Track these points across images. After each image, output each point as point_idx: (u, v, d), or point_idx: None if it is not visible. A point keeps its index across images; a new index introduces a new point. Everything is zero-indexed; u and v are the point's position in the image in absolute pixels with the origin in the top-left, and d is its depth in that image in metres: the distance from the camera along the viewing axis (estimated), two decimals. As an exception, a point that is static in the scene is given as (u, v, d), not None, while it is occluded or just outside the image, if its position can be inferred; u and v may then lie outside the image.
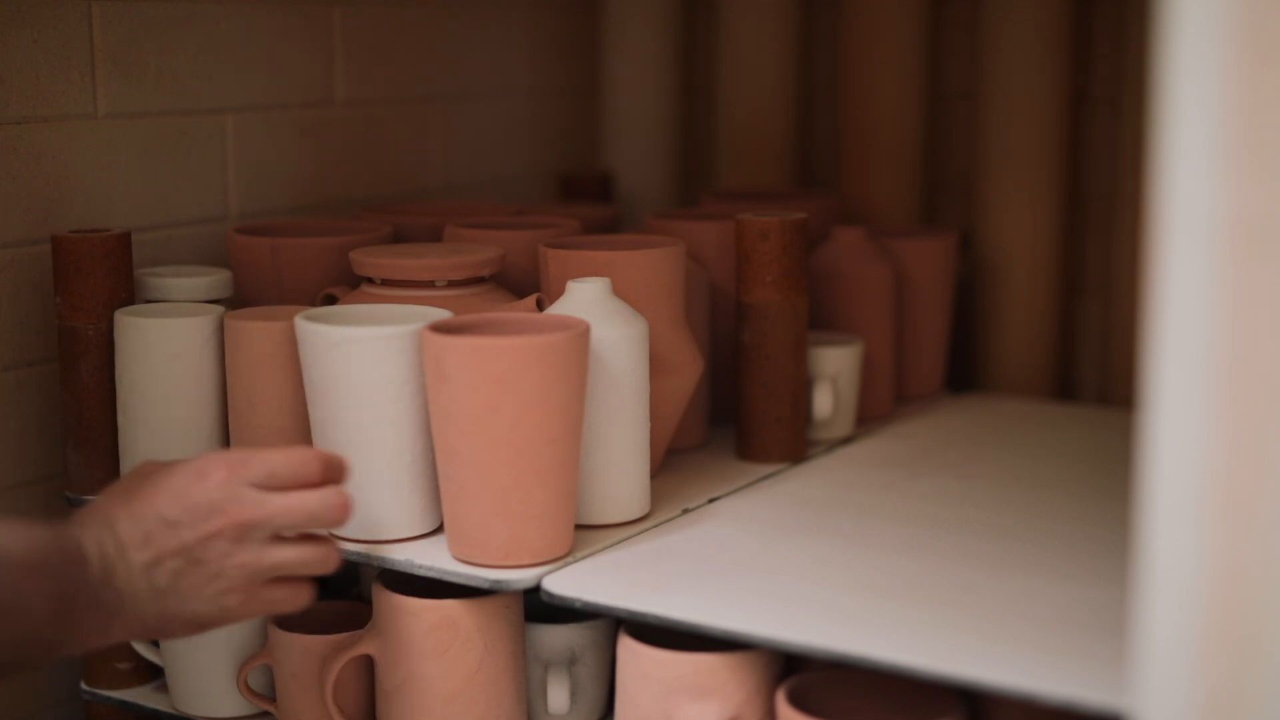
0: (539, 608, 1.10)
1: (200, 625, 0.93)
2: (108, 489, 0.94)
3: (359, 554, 1.07)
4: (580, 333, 1.02)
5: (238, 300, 1.29)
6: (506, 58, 1.71)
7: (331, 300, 1.23)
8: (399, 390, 1.05)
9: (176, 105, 1.36)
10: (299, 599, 0.95)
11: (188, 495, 0.91)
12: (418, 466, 1.07)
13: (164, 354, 1.15)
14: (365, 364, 1.04)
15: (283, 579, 0.94)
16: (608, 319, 1.10)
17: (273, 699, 1.16)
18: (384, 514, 1.07)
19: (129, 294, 1.21)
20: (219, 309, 1.18)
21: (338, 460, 0.96)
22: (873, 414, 1.41)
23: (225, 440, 1.18)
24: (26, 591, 0.83)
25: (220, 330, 1.16)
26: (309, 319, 1.07)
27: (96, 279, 1.19)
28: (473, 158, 1.68)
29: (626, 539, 1.10)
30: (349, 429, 1.05)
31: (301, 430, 1.11)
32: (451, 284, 1.18)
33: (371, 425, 1.05)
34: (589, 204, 1.64)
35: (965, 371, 1.61)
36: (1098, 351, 1.60)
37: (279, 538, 0.93)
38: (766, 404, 1.26)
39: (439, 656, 1.05)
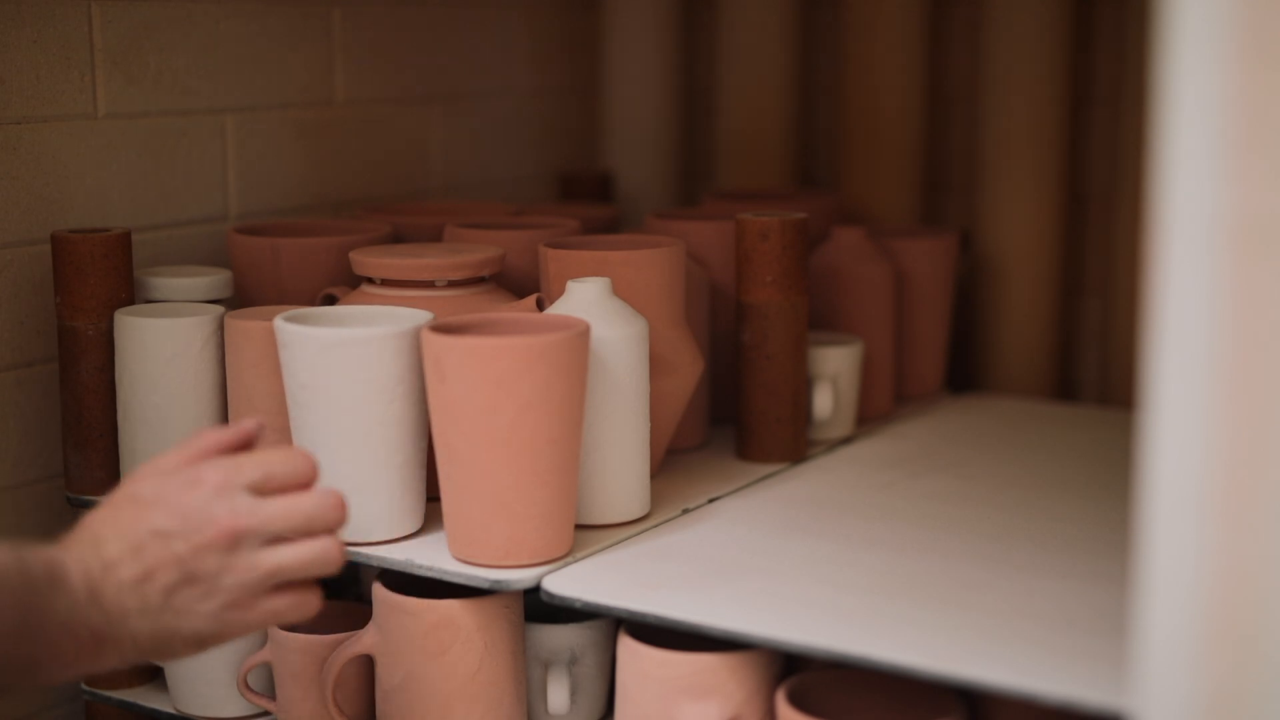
0: (539, 608, 1.10)
1: (201, 644, 0.87)
2: (102, 503, 0.88)
3: (359, 554, 1.07)
4: (580, 333, 1.02)
5: (238, 300, 1.29)
6: (506, 58, 1.71)
7: (331, 300, 1.23)
8: (393, 391, 1.05)
9: (176, 105, 1.36)
10: (305, 606, 0.88)
11: (179, 505, 0.85)
12: (409, 468, 1.07)
13: (164, 354, 1.15)
14: (361, 366, 1.04)
15: (286, 586, 0.87)
16: (608, 319, 1.10)
17: (273, 699, 1.16)
18: (376, 516, 1.07)
19: (129, 294, 1.21)
20: (219, 309, 1.18)
21: (315, 461, 0.90)
22: (873, 414, 1.41)
23: (225, 440, 1.18)
24: None
25: (220, 330, 1.16)
26: (292, 321, 1.07)
27: (96, 279, 1.19)
28: (473, 158, 1.68)
29: (626, 539, 1.10)
30: (341, 432, 1.05)
31: (301, 430, 1.11)
32: (451, 284, 1.18)
33: (365, 427, 1.05)
34: (589, 204, 1.64)
35: (965, 371, 1.61)
36: (1098, 351, 1.60)
37: (276, 542, 0.87)
38: (766, 404, 1.26)
39: (439, 656, 1.05)
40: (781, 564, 1.06)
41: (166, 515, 0.85)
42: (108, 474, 1.20)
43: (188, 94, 1.37)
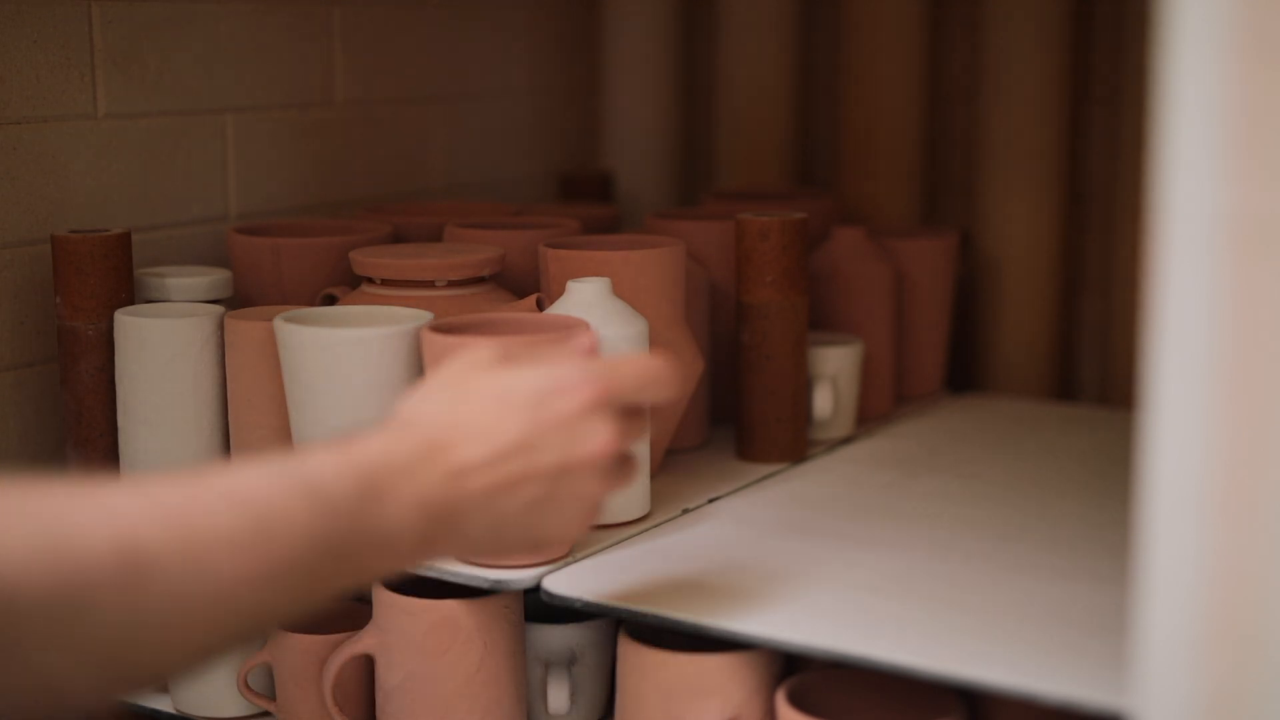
0: (539, 608, 1.10)
1: (537, 548, 0.85)
2: (446, 384, 0.82)
3: (359, 554, 1.07)
4: (580, 333, 1.02)
5: (238, 300, 1.29)
6: (506, 58, 1.71)
7: (331, 300, 1.23)
8: (394, 391, 1.05)
9: (176, 105, 1.36)
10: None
11: (550, 414, 0.80)
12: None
13: (164, 354, 1.15)
14: (361, 366, 1.04)
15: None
16: (608, 319, 1.10)
17: (273, 699, 1.16)
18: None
19: (129, 294, 1.21)
20: (219, 309, 1.18)
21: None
22: (873, 414, 1.41)
23: (225, 440, 1.18)
24: (224, 572, 0.69)
25: (220, 330, 1.16)
26: (292, 321, 1.07)
27: (96, 279, 1.19)
28: (473, 158, 1.68)
29: (626, 539, 1.10)
30: (341, 432, 1.04)
31: (301, 430, 1.11)
32: (451, 284, 1.18)
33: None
34: (589, 204, 1.64)
35: (965, 371, 1.61)
36: (1098, 350, 1.60)
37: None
38: (766, 404, 1.26)
39: (439, 656, 1.05)
40: (781, 564, 1.06)
41: (535, 425, 0.80)
42: (108, 474, 1.20)
43: (188, 94, 1.37)
